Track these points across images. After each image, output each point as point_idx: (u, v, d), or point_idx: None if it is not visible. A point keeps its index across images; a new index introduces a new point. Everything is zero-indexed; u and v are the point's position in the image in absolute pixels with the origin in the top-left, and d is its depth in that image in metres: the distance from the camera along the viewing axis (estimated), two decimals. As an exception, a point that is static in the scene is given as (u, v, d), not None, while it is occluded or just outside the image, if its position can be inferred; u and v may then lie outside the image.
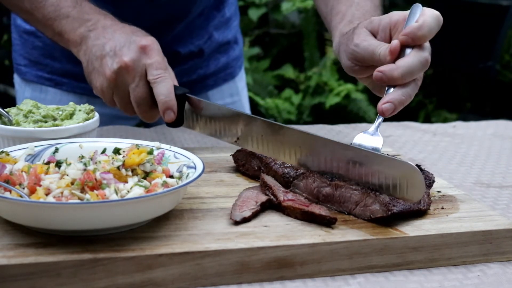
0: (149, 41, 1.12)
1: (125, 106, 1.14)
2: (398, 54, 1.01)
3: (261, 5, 4.27)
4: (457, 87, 4.57)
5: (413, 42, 1.00)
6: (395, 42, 1.01)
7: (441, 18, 1.01)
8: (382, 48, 1.03)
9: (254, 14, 4.23)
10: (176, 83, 1.13)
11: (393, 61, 1.00)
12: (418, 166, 1.06)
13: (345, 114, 3.99)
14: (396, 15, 1.05)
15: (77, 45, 1.16)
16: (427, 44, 1.02)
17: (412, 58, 0.99)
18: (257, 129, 1.04)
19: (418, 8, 1.03)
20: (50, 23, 1.18)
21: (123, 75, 1.09)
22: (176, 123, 1.13)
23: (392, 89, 1.00)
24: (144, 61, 1.09)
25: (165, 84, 1.09)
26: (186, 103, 1.13)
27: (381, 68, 1.00)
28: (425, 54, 1.01)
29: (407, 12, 1.04)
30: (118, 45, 1.10)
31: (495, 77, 4.32)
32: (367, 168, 0.92)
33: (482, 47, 4.19)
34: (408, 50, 1.01)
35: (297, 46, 4.52)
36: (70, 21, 1.16)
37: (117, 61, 1.09)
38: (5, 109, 1.13)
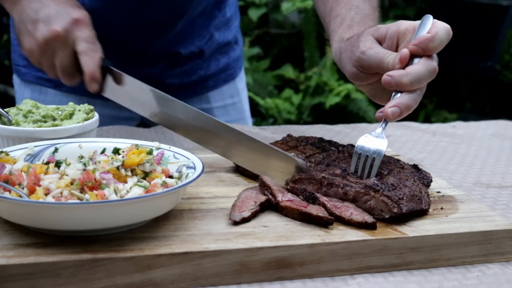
0: (82, 14, 1.17)
1: (49, 70, 1.20)
2: (407, 63, 1.02)
3: (261, 5, 4.28)
4: (457, 87, 4.57)
5: (423, 53, 1.01)
6: (405, 51, 1.01)
7: (451, 32, 1.03)
8: (390, 57, 1.03)
9: (254, 14, 4.24)
10: (103, 56, 1.19)
11: (402, 69, 1.01)
12: (415, 166, 1.06)
13: (345, 114, 3.99)
14: (405, 24, 1.06)
15: (13, 4, 1.21)
16: (435, 55, 1.03)
17: (422, 66, 1.00)
18: (173, 110, 1.12)
19: (429, 19, 1.03)
20: None
21: (53, 42, 1.15)
22: (97, 93, 1.20)
23: (398, 94, 1.01)
24: (75, 33, 1.15)
25: (92, 57, 1.15)
26: (109, 75, 1.18)
27: (390, 72, 1.00)
28: (434, 63, 1.02)
29: (415, 22, 1.05)
30: (53, 13, 1.16)
31: (495, 77, 4.32)
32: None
33: (482, 47, 4.19)
34: (416, 60, 1.01)
35: (297, 46, 4.53)
36: None
37: (49, 29, 1.15)
38: (5, 109, 1.13)
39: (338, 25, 1.18)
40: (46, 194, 0.84)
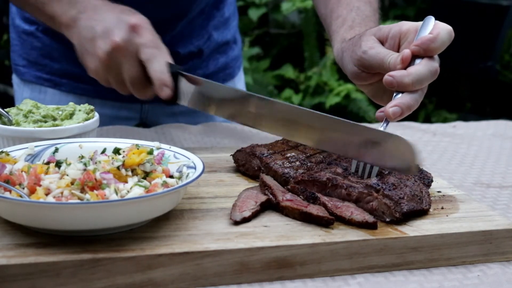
0: (139, 19, 1.11)
1: (119, 85, 1.14)
2: (408, 63, 1.02)
3: (261, 5, 4.27)
4: (457, 87, 4.57)
5: (424, 53, 1.01)
6: (406, 52, 1.01)
7: (453, 33, 1.03)
8: (392, 57, 1.03)
9: (254, 14, 4.23)
10: (171, 61, 1.12)
11: (404, 69, 1.01)
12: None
13: (345, 114, 3.99)
14: (407, 25, 1.06)
15: (69, 28, 1.15)
16: (436, 56, 1.03)
17: (423, 67, 1.00)
18: (251, 107, 1.04)
19: (431, 20, 1.04)
20: (41, 6, 1.18)
21: (115, 55, 1.09)
22: (172, 101, 1.13)
23: (400, 95, 1.01)
24: (136, 40, 1.09)
25: (158, 61, 1.09)
26: (183, 80, 1.12)
27: (392, 73, 1.00)
28: (435, 64, 1.02)
29: (417, 23, 1.05)
30: (108, 26, 1.10)
31: (495, 77, 4.32)
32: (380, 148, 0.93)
33: (482, 47, 4.19)
34: (417, 60, 1.02)
35: (297, 46, 4.52)
36: (61, 3, 1.16)
37: (108, 42, 1.09)
38: (5, 109, 1.13)
39: (340, 26, 1.19)
40: (46, 194, 0.84)
